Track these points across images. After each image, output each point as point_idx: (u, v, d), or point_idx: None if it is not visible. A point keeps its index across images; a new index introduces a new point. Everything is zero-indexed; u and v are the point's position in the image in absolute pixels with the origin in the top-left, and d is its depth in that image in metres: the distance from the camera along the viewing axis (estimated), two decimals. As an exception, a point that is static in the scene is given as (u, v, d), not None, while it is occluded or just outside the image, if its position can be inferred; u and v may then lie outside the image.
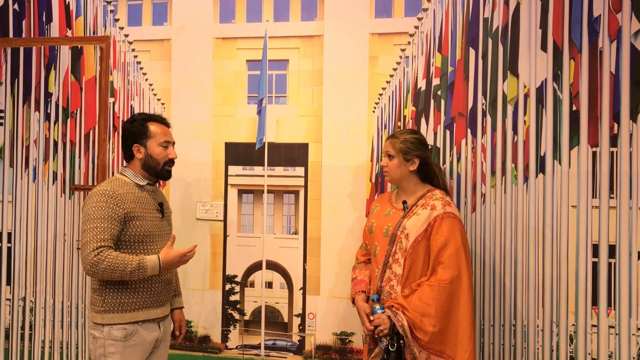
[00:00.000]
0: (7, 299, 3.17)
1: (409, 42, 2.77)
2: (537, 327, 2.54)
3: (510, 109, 2.59)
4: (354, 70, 2.81)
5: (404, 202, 2.36)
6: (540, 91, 2.54)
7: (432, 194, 2.33)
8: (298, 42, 2.87)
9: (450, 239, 2.21)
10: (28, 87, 3.14)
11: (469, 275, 2.22)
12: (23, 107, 3.15)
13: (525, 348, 2.56)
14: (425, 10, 2.73)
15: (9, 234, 3.17)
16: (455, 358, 2.13)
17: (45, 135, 3.12)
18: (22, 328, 3.16)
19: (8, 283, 3.18)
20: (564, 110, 2.50)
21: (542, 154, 2.53)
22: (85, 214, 2.15)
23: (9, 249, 3.18)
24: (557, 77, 2.51)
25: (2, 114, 3.18)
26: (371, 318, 2.23)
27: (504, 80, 2.60)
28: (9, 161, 3.17)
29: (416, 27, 2.75)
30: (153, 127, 2.28)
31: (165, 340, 2.35)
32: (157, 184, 2.40)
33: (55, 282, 3.11)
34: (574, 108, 2.48)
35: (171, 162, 2.32)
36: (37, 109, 3.13)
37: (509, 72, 2.59)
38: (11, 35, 3.16)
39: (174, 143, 2.35)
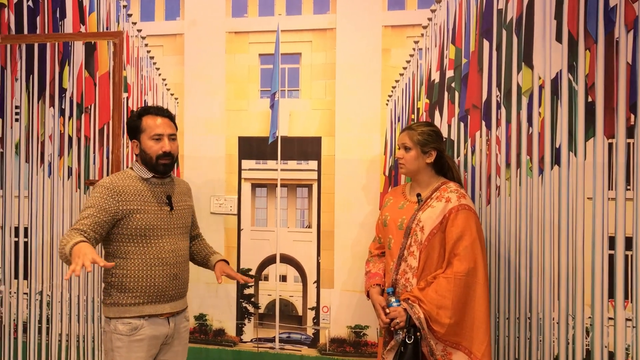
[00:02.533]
0: (24, 293, 3.21)
1: (422, 34, 2.75)
2: (553, 319, 2.53)
3: (525, 100, 2.57)
4: (367, 63, 2.80)
5: (419, 195, 2.35)
6: (555, 82, 2.52)
7: (447, 187, 2.33)
8: (310, 35, 2.86)
9: (465, 231, 2.21)
10: (43, 83, 3.17)
11: (484, 267, 2.22)
12: (38, 103, 3.17)
13: (540, 341, 2.55)
14: (439, 1, 2.71)
15: (26, 229, 3.20)
16: (472, 350, 2.13)
17: (60, 131, 3.15)
18: (40, 322, 3.19)
19: (25, 277, 3.21)
20: (579, 102, 2.48)
21: (557, 146, 2.52)
22: (83, 204, 2.19)
23: (25, 243, 3.21)
24: (572, 68, 2.49)
25: (18, 110, 3.21)
26: (387, 311, 2.24)
27: (518, 72, 2.58)
28: (24, 157, 3.20)
29: (429, 19, 2.73)
30: (146, 121, 2.24)
31: (180, 338, 2.34)
32: (169, 177, 2.37)
33: (72, 276, 3.13)
34: (590, 99, 2.46)
35: (165, 155, 2.23)
36: (52, 104, 3.15)
37: (523, 63, 2.57)
38: (26, 31, 3.18)
39: (171, 135, 2.27)
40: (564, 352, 2.52)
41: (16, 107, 3.21)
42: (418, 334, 2.16)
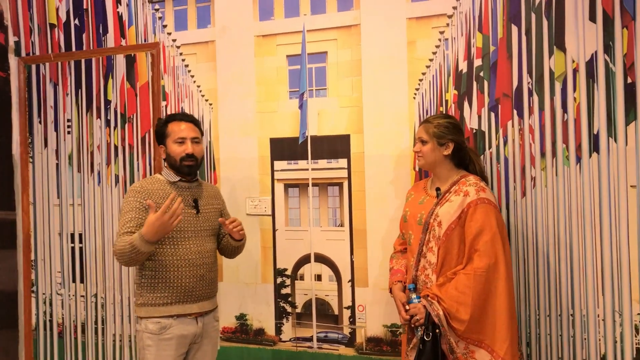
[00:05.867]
0: (81, 296, 3.39)
1: (448, 24, 2.67)
2: (598, 317, 2.38)
3: (558, 86, 2.44)
4: (393, 56, 2.75)
5: (437, 189, 2.29)
6: (591, 65, 2.37)
7: (466, 180, 2.25)
8: (335, 33, 2.85)
9: (485, 225, 2.13)
10: (90, 96, 3.34)
11: (506, 262, 2.13)
12: (86, 115, 3.35)
13: (585, 339, 2.41)
14: (463, -11, 2.63)
15: (80, 235, 3.39)
16: (494, 348, 2.05)
17: (107, 141, 3.30)
18: (96, 322, 3.36)
19: (82, 281, 3.39)
20: (617, 84, 2.32)
21: (595, 132, 2.37)
22: (120, 210, 2.30)
23: (80, 249, 3.40)
24: (608, 48, 2.33)
25: (70, 123, 3.40)
26: (407, 307, 2.20)
27: (550, 56, 2.45)
28: (77, 167, 3.39)
29: (454, 8, 2.65)
30: (171, 126, 2.37)
31: (209, 337, 2.41)
32: (196, 181, 2.45)
33: (122, 279, 3.29)
34: (629, 80, 2.30)
35: (188, 157, 2.34)
36: (99, 116, 3.31)
37: (555, 47, 2.44)
38: (74, 48, 3.37)
39: (195, 138, 2.37)
40: (612, 351, 2.36)
41: (68, 121, 3.40)
42: (438, 331, 2.11)
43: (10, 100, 3.47)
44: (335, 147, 2.86)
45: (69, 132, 3.40)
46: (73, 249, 3.40)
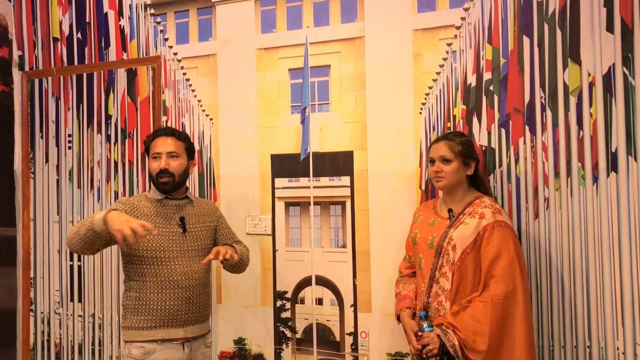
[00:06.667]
0: (79, 315, 3.30)
1: (456, 36, 2.54)
2: (617, 349, 2.19)
3: (573, 100, 2.29)
4: (398, 70, 2.63)
5: (450, 211, 2.16)
6: (608, 78, 2.21)
7: (481, 201, 2.12)
8: (339, 46, 2.74)
9: (502, 250, 2.00)
10: (91, 111, 3.27)
11: (524, 289, 2.00)
12: (87, 130, 3.28)
13: (603, 374, 2.23)
14: (472, -1, 2.50)
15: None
16: None
17: (107, 157, 3.23)
18: (93, 344, 3.26)
19: (79, 300, 3.30)
20: (637, 98, 2.16)
21: (613, 150, 2.20)
22: None
23: (79, 267, 3.31)
24: (627, 60, 2.18)
25: (70, 138, 3.34)
26: (419, 335, 2.06)
27: (564, 69, 2.30)
28: (77, 183, 3.32)
29: (463, 19, 2.52)
30: (153, 143, 2.28)
31: None
32: (186, 198, 2.35)
33: (119, 299, 3.18)
34: (650, 94, 2.14)
35: (162, 173, 2.23)
36: (99, 131, 3.24)
37: (569, 59, 2.29)
38: (76, 62, 3.32)
39: (169, 153, 2.25)
40: (633, 387, 2.18)
41: (69, 136, 3.34)
42: (451, 362, 1.97)
43: (13, 115, 3.43)
44: (338, 164, 2.73)
45: (69, 148, 3.33)
46: (72, 267, 3.32)
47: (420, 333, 2.07)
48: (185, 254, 2.23)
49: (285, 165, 2.84)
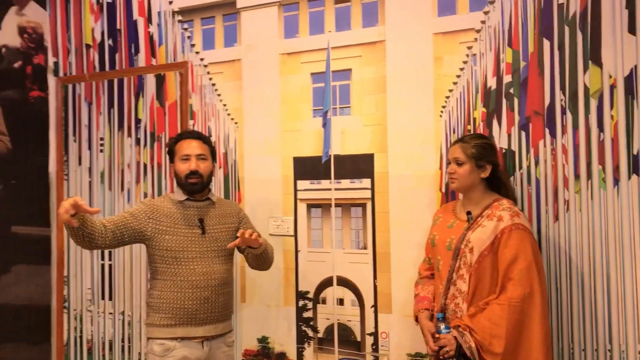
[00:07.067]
0: (109, 313, 3.41)
1: (476, 39, 2.55)
2: (639, 353, 2.17)
3: (593, 103, 2.28)
4: (418, 73, 2.65)
5: (469, 213, 2.18)
6: (630, 80, 2.20)
7: (499, 204, 2.13)
8: (360, 50, 2.78)
9: (520, 252, 2.01)
10: (121, 115, 3.38)
11: (542, 292, 2.01)
12: (118, 133, 3.39)
13: (624, 377, 2.21)
14: (492, 2, 2.51)
15: (110, 252, 3.41)
16: None
17: (137, 159, 3.33)
18: (122, 340, 3.37)
19: (110, 298, 3.41)
20: (659, 100, 2.15)
21: (634, 152, 2.18)
22: None
23: (110, 266, 3.42)
24: (649, 62, 2.17)
25: (102, 142, 3.45)
26: (436, 336, 2.09)
27: (585, 72, 2.29)
28: (108, 185, 3.43)
29: (483, 22, 2.53)
30: (179, 145, 2.35)
31: None
32: (207, 200, 2.41)
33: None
34: (672, 96, 2.12)
35: (192, 174, 2.30)
36: (129, 134, 3.35)
37: (590, 61, 2.28)
38: (107, 68, 3.43)
39: (200, 155, 2.33)
40: (654, 392, 2.16)
41: (101, 139, 3.45)
42: (467, 363, 1.99)
43: (48, 119, 3.57)
44: (359, 166, 2.77)
45: (101, 151, 3.45)
46: (103, 265, 3.43)
47: (437, 334, 2.09)
48: (204, 255, 2.29)
49: (307, 168, 2.89)
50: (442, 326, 2.08)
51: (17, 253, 3.55)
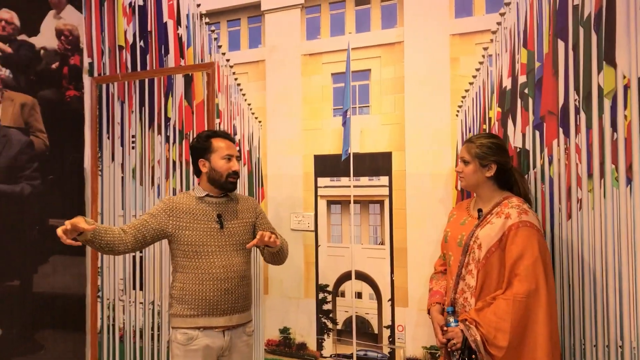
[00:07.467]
0: (140, 303, 3.57)
1: (492, 40, 2.60)
2: (650, 350, 2.21)
3: (607, 103, 2.31)
4: (435, 74, 2.71)
5: (479, 211, 2.24)
6: (644, 80, 2.23)
7: (509, 202, 2.19)
8: (379, 50, 2.85)
9: (526, 249, 2.06)
10: (152, 114, 3.53)
11: (548, 288, 2.05)
12: (149, 131, 3.55)
13: (635, 374, 2.25)
14: (508, 4, 2.55)
15: (141, 245, 3.57)
16: None
17: (166, 156, 3.48)
18: (152, 329, 3.53)
19: (140, 288, 3.58)
20: (672, 101, 2.17)
21: (648, 152, 2.22)
22: None
23: (140, 258, 3.58)
24: (663, 63, 2.19)
25: (134, 139, 3.61)
26: (445, 329, 2.17)
27: (599, 72, 2.32)
28: (139, 180, 3.59)
29: (498, 24, 2.58)
30: (216, 142, 2.44)
31: (239, 352, 2.45)
32: (225, 196, 2.50)
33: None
34: (686, 97, 2.14)
35: (234, 174, 2.43)
36: (160, 132, 3.50)
37: (604, 62, 2.31)
38: (139, 68, 3.58)
39: (238, 157, 2.47)
40: (665, 389, 2.19)
41: (132, 137, 3.61)
42: (474, 356, 2.06)
43: (83, 117, 3.75)
44: (377, 164, 2.85)
45: (133, 148, 3.61)
46: (134, 257, 3.59)
47: (445, 327, 2.17)
48: (223, 249, 2.41)
49: (327, 166, 2.98)
50: (452, 319, 2.16)
51: (55, 244, 3.72)
